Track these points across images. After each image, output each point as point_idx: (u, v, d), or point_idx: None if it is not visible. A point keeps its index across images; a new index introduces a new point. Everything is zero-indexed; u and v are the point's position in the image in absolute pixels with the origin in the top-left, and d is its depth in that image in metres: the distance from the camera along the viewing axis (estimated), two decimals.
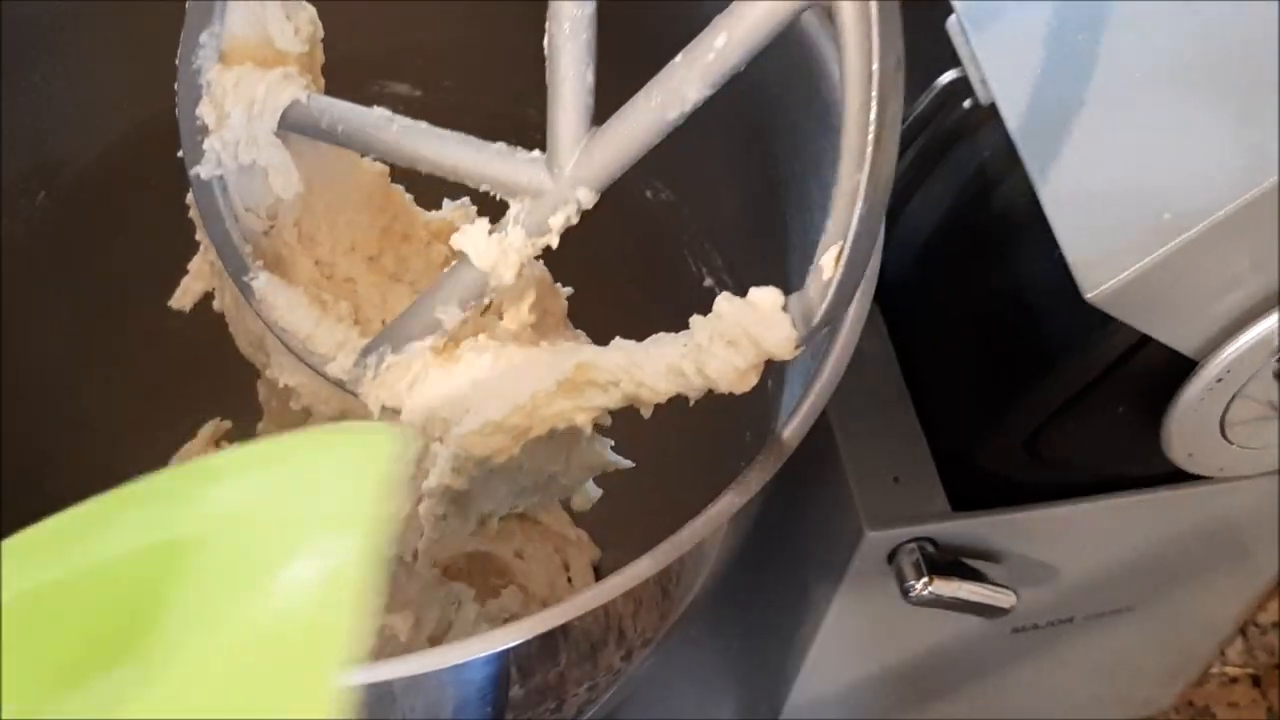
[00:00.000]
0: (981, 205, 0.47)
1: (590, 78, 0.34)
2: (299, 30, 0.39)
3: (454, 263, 0.39)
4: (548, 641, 0.36)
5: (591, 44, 0.34)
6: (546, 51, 0.34)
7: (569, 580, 0.58)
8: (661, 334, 0.36)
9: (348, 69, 0.42)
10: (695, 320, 0.36)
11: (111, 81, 0.52)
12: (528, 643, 0.34)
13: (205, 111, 0.39)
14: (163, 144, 0.42)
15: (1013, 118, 0.40)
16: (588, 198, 0.35)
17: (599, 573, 0.58)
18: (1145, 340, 0.41)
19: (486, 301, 0.39)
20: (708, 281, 0.54)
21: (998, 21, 0.42)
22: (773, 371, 0.48)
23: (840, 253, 0.32)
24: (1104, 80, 0.38)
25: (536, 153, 0.36)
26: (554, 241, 0.37)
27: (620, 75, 0.35)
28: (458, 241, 0.37)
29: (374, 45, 0.55)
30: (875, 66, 0.29)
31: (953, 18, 0.42)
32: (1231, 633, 0.63)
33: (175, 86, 0.40)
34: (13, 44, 0.49)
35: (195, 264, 0.44)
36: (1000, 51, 0.41)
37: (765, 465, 0.37)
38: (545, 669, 0.38)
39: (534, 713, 0.41)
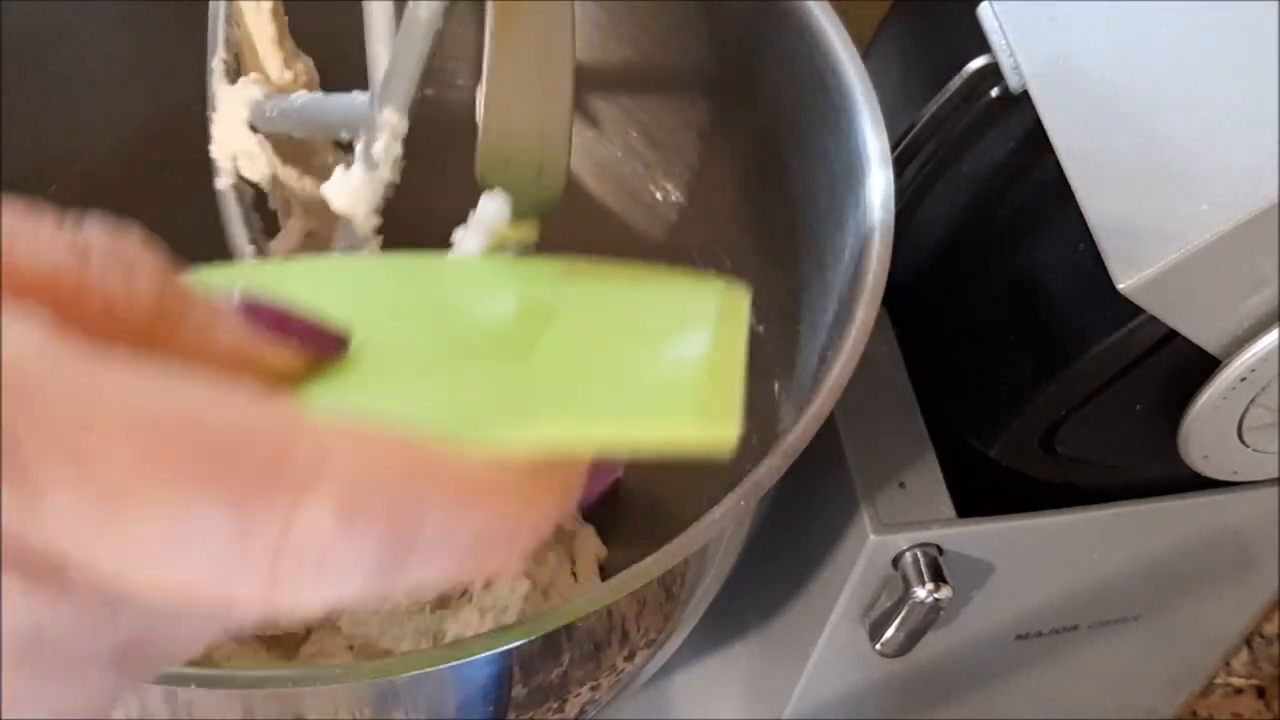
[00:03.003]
0: (1003, 198, 0.47)
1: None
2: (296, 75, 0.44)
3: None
4: (551, 641, 0.36)
5: None
6: None
7: (574, 575, 0.58)
8: None
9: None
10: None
11: (125, 74, 0.52)
12: (531, 642, 0.34)
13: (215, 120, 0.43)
14: (176, 137, 0.42)
15: (1046, 104, 0.39)
16: (394, 118, 0.37)
17: (604, 572, 0.58)
18: (1167, 338, 0.40)
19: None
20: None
21: (1032, 6, 0.41)
22: (779, 374, 0.48)
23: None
24: (1142, 67, 0.38)
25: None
26: (386, 174, 0.38)
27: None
28: (324, 189, 0.39)
29: None
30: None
31: (985, 3, 0.42)
32: (1236, 643, 0.63)
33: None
34: (26, 35, 0.49)
35: None
36: (1034, 37, 0.40)
37: (771, 468, 0.37)
38: (548, 669, 0.38)
39: (536, 712, 0.41)
